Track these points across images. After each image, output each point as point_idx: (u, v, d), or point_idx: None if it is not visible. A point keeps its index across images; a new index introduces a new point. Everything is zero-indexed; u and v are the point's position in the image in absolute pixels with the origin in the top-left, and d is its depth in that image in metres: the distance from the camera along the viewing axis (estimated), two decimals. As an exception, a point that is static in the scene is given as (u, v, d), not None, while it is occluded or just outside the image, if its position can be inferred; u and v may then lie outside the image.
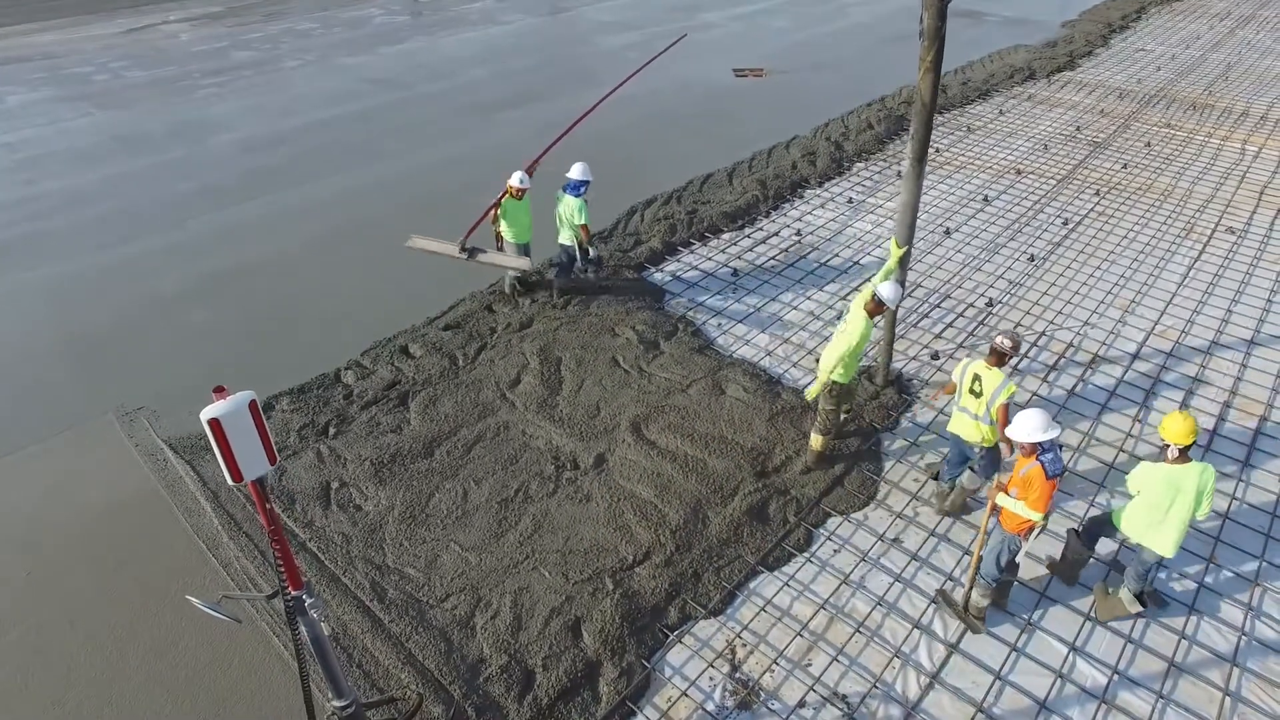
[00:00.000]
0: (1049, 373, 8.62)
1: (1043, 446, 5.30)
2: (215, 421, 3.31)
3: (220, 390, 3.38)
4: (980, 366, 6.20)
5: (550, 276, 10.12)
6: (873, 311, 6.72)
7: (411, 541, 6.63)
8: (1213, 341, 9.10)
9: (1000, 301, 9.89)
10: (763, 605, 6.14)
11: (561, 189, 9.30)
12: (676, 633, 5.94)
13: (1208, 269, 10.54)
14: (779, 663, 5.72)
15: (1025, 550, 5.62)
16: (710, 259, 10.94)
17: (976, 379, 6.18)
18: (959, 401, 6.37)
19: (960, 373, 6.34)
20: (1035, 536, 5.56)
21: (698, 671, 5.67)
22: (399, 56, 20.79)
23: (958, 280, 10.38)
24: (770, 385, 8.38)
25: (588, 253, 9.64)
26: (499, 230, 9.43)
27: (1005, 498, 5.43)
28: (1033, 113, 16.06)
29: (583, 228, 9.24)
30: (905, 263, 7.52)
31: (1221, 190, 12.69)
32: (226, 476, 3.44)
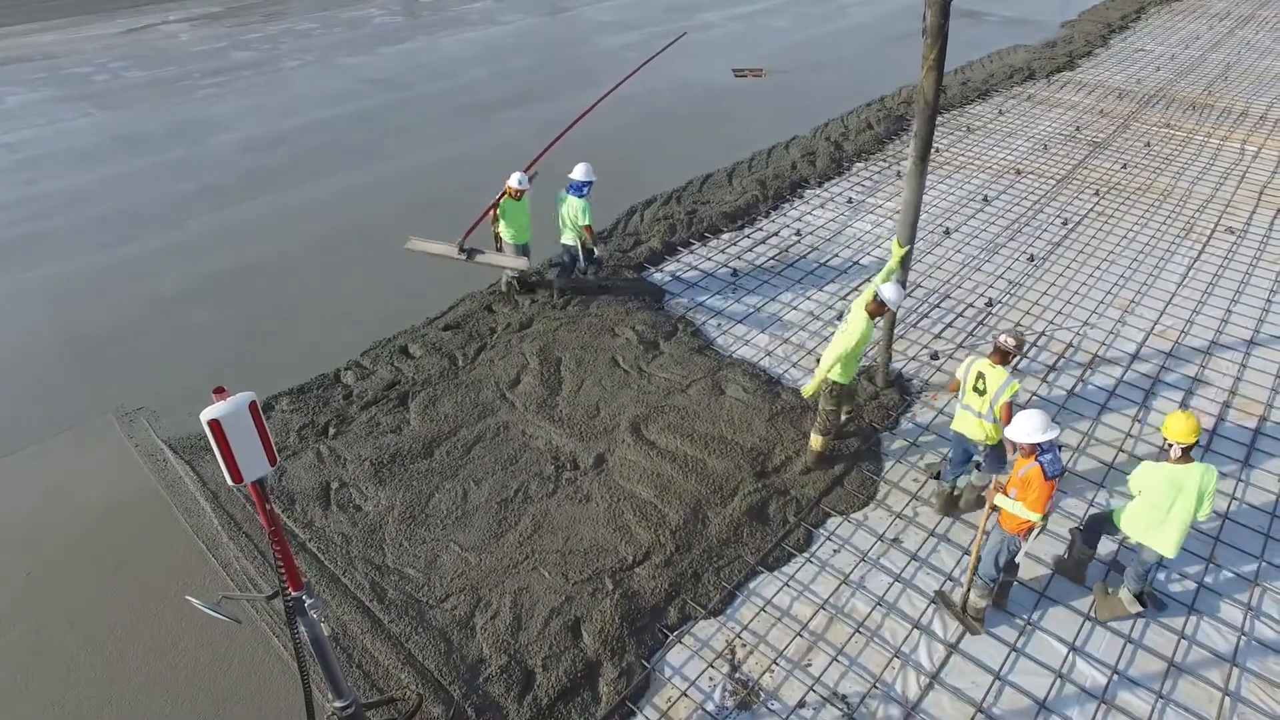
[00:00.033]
0: (1049, 373, 8.63)
1: (1042, 447, 5.30)
2: (215, 422, 3.31)
3: (220, 391, 3.39)
4: (984, 365, 6.21)
5: (550, 277, 10.12)
6: (874, 312, 6.72)
7: (411, 542, 6.63)
8: (1212, 341, 9.10)
9: (1000, 301, 9.90)
10: (762, 605, 6.14)
11: (564, 189, 9.30)
12: (676, 633, 5.94)
13: (1207, 269, 10.55)
14: (779, 663, 5.73)
15: (1025, 550, 5.62)
16: (710, 259, 10.94)
17: (980, 377, 6.19)
18: (963, 399, 6.37)
19: (964, 371, 6.35)
20: (1035, 537, 5.57)
21: (697, 672, 5.67)
22: (399, 56, 20.79)
23: (957, 280, 10.39)
24: (770, 385, 8.39)
25: (591, 253, 9.64)
26: (498, 231, 9.44)
27: (1004, 498, 5.43)
28: (1032, 113, 16.06)
29: (586, 228, 9.25)
30: (907, 263, 7.53)
31: (1221, 190, 12.70)
32: (226, 477, 3.45)
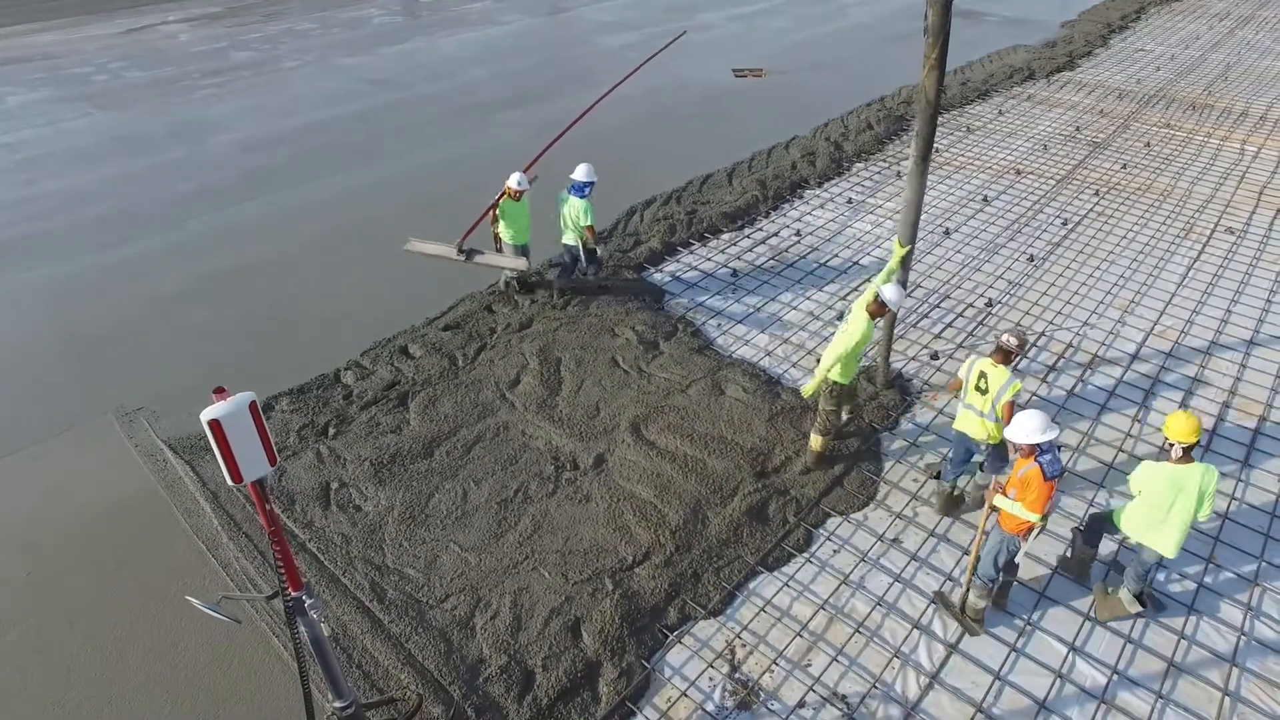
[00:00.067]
0: (1048, 373, 8.63)
1: (1041, 448, 5.30)
2: (215, 423, 3.32)
3: (220, 391, 3.39)
4: (986, 364, 6.22)
5: (550, 277, 10.12)
6: (874, 313, 6.71)
7: (411, 542, 6.63)
8: (1212, 341, 9.10)
9: (1000, 302, 9.90)
10: (762, 605, 6.14)
11: (565, 190, 9.30)
12: (676, 633, 5.94)
13: (1207, 269, 10.55)
14: (779, 663, 5.73)
15: (1025, 551, 5.62)
16: (710, 259, 10.94)
17: (983, 376, 6.20)
18: (965, 398, 6.38)
19: (966, 370, 6.37)
20: (1034, 537, 5.57)
21: (697, 672, 5.67)
22: (398, 57, 20.79)
23: (957, 280, 10.39)
24: (770, 385, 8.39)
25: (593, 253, 9.65)
26: (497, 231, 9.44)
27: (1003, 499, 5.43)
28: (1032, 113, 16.06)
29: (588, 228, 9.26)
30: (908, 263, 7.51)
31: (1221, 190, 12.70)
32: (226, 477, 3.45)
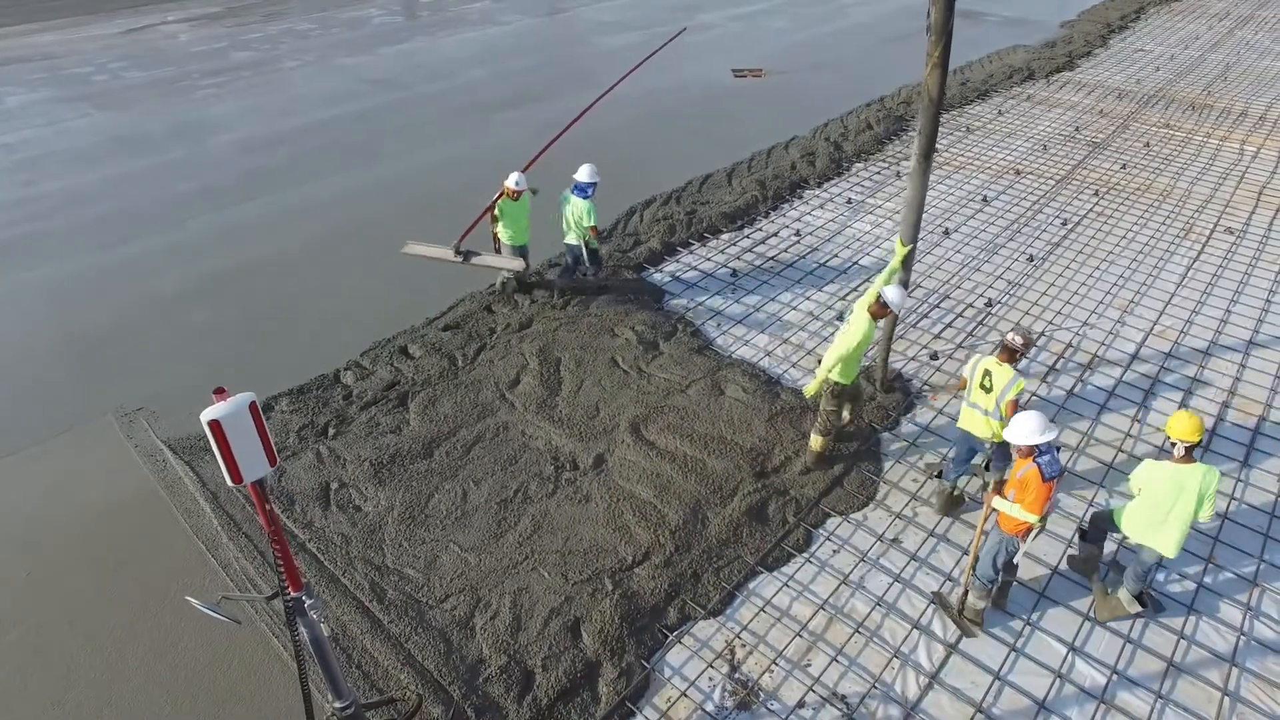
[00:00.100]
0: (1048, 373, 8.63)
1: (1040, 449, 5.30)
2: (215, 423, 3.32)
3: (220, 392, 3.39)
4: (991, 362, 6.24)
5: (550, 277, 10.12)
6: (876, 314, 6.70)
7: (411, 542, 6.63)
8: (1211, 342, 9.11)
9: (999, 302, 9.90)
10: (762, 606, 6.14)
11: (569, 190, 9.31)
12: (676, 633, 5.94)
13: (1206, 269, 10.55)
14: (778, 663, 5.73)
15: (1023, 551, 5.62)
16: (709, 259, 10.94)
17: (987, 375, 6.21)
18: (969, 397, 6.39)
19: (971, 369, 6.38)
20: (1033, 538, 5.57)
21: (697, 672, 5.68)
22: (398, 57, 20.79)
23: (957, 280, 10.39)
24: (769, 386, 8.39)
25: (596, 253, 9.66)
26: (496, 231, 9.44)
27: (1001, 500, 5.43)
28: (1032, 113, 16.07)
29: (592, 229, 9.29)
30: (909, 262, 7.49)
31: (1220, 190, 12.70)
32: (226, 478, 3.45)
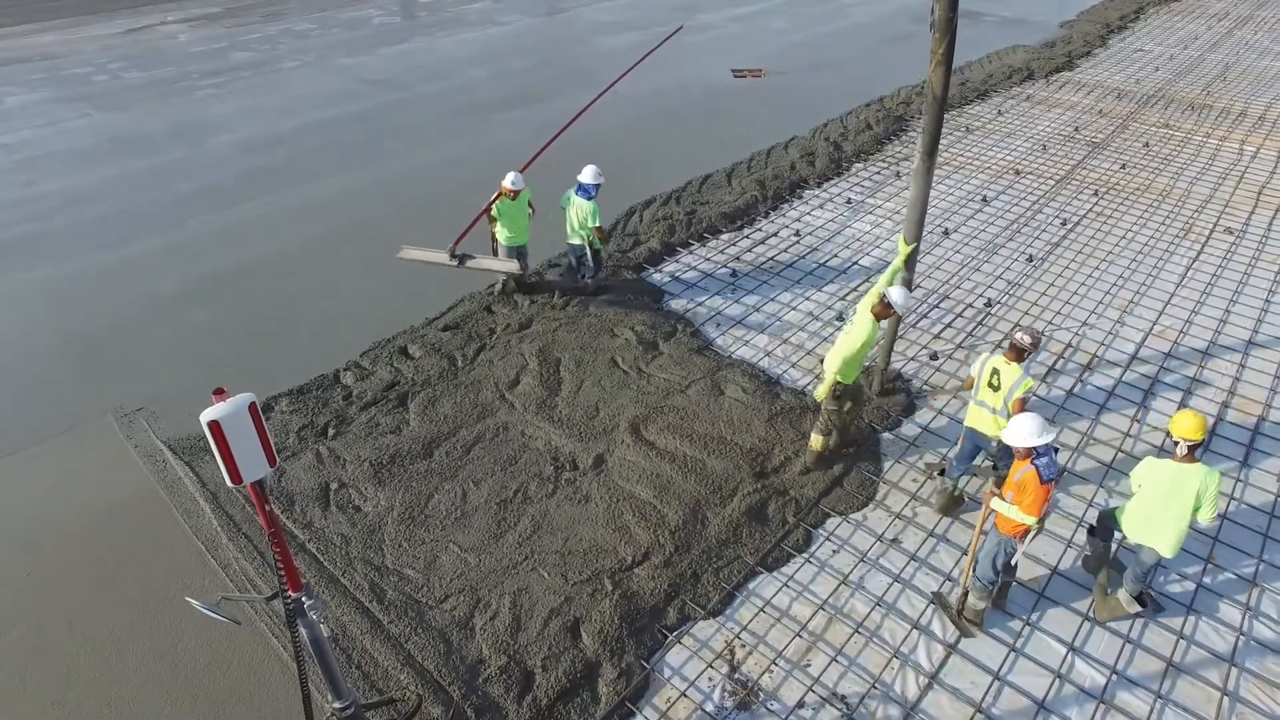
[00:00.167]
0: (1048, 373, 8.63)
1: (1038, 450, 5.30)
2: (215, 424, 3.31)
3: (220, 392, 3.39)
4: (999, 361, 6.26)
5: (550, 277, 10.11)
6: (879, 314, 6.67)
7: (411, 542, 6.63)
8: (1211, 341, 9.11)
9: (999, 302, 9.90)
10: (762, 606, 6.15)
11: (572, 191, 9.31)
12: (676, 633, 5.94)
13: (1206, 269, 10.55)
14: (778, 663, 5.73)
15: (1022, 552, 5.63)
16: (709, 259, 10.94)
17: (995, 373, 6.23)
18: (977, 395, 6.41)
19: (979, 367, 6.41)
20: (1031, 540, 5.57)
21: (697, 672, 5.68)
22: (397, 57, 20.78)
23: (956, 280, 10.39)
24: (769, 386, 8.39)
25: (598, 254, 9.68)
26: (494, 232, 9.43)
27: (999, 502, 5.43)
28: (1031, 113, 16.07)
29: (596, 229, 9.32)
30: (912, 262, 7.44)
31: (1220, 190, 12.70)
32: (226, 478, 3.45)
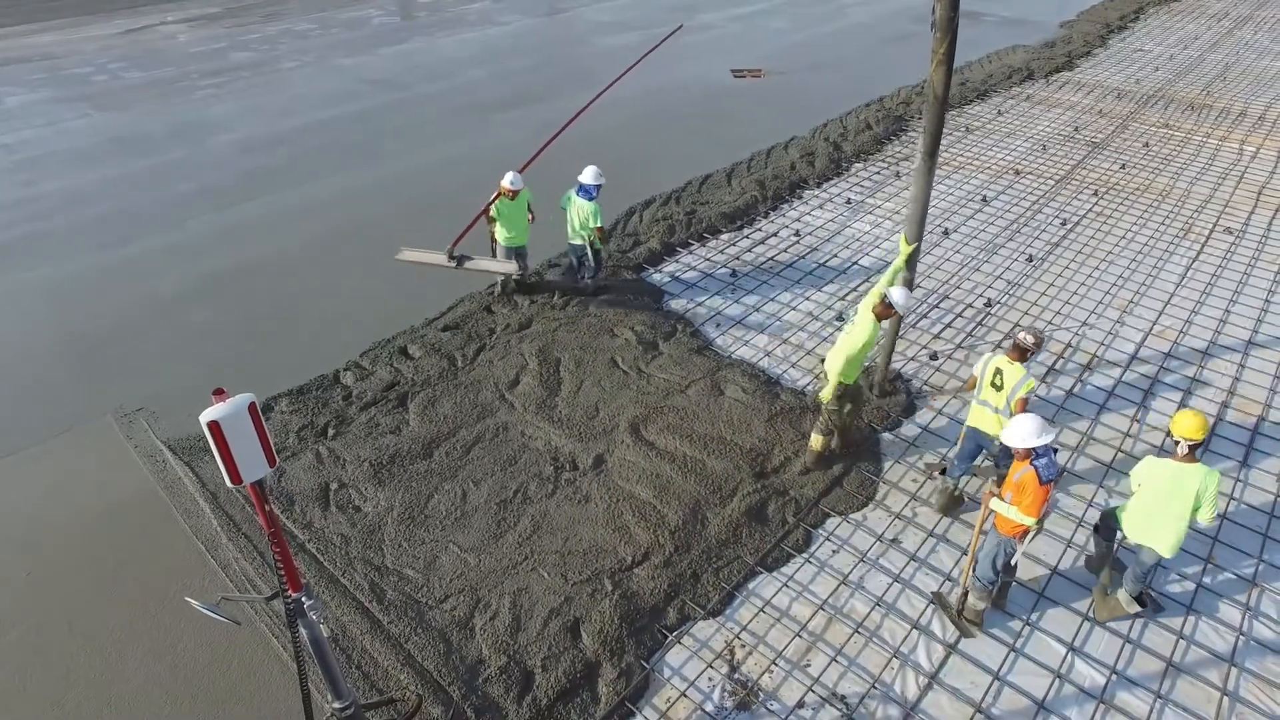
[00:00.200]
0: (1048, 373, 8.63)
1: (1037, 451, 5.30)
2: (215, 424, 3.32)
3: (220, 393, 3.39)
4: (1002, 361, 6.27)
5: (550, 277, 10.11)
6: (880, 315, 6.68)
7: (410, 543, 6.63)
8: (1211, 341, 9.11)
9: (999, 302, 9.90)
10: (761, 606, 6.15)
11: (573, 191, 9.31)
12: (675, 633, 5.95)
13: (1206, 269, 10.55)
14: (778, 663, 5.73)
15: (1021, 552, 5.63)
16: (709, 260, 10.94)
17: (998, 373, 6.24)
18: (979, 395, 6.41)
19: (982, 367, 6.42)
20: (1031, 540, 5.57)
21: (697, 672, 5.68)
22: (397, 57, 20.78)
23: (956, 280, 10.39)
24: (769, 386, 8.39)
25: (599, 254, 9.69)
26: (493, 232, 9.43)
27: (999, 502, 5.43)
28: (1031, 113, 16.07)
29: (598, 230, 9.33)
30: (914, 262, 7.42)
31: (1219, 190, 12.70)
32: (226, 478, 3.45)
